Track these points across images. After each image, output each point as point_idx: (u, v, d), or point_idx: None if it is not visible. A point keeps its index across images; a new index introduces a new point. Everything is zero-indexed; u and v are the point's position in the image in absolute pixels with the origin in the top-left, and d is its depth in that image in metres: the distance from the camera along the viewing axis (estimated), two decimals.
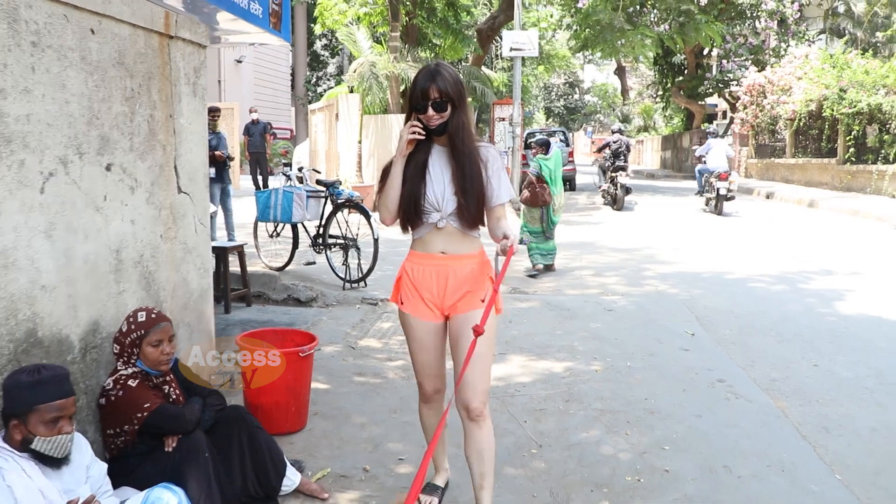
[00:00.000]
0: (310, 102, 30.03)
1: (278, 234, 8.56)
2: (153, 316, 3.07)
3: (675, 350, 5.38)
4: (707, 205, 15.62)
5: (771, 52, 27.15)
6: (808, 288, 7.51)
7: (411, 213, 2.87)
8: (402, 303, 3.00)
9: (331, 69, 36.76)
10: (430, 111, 2.76)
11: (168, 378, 3.11)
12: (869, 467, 3.54)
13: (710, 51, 28.46)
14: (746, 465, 3.56)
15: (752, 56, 27.28)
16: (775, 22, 26.94)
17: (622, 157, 16.16)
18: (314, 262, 8.28)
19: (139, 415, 2.88)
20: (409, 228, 2.93)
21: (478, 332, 2.67)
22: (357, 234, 7.62)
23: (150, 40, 3.43)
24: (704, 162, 16.35)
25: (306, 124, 32.61)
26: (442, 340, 3.03)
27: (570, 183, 20.58)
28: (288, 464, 3.27)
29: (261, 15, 6.22)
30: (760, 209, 16.28)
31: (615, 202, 16.06)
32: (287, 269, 7.99)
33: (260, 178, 16.51)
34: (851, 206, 14.87)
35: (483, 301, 2.87)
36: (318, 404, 4.26)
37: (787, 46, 26.74)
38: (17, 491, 2.31)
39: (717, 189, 14.84)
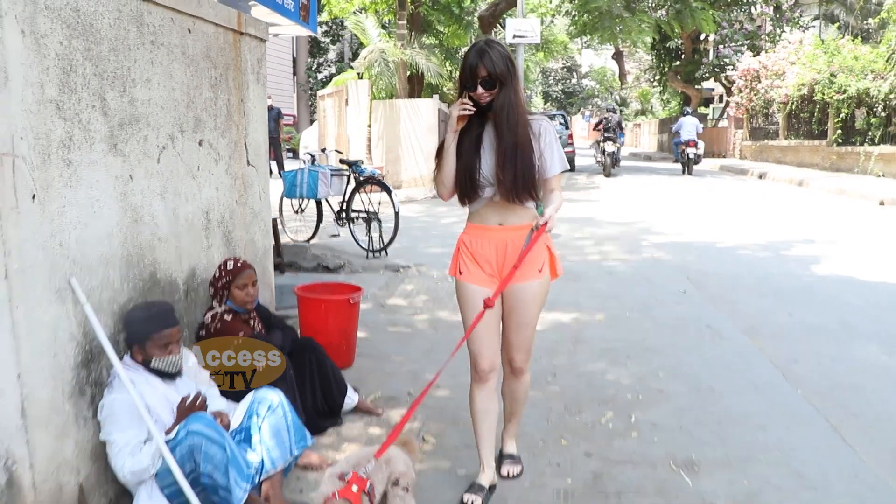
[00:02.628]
0: (311, 89, 30.60)
1: (303, 210, 9.25)
2: (239, 265, 3.76)
3: (669, 304, 6.12)
4: (683, 172, 20.39)
5: (766, 38, 27.77)
6: (790, 254, 8.26)
7: (467, 186, 2.93)
8: (460, 273, 3.04)
9: (331, 55, 37.24)
10: (480, 89, 2.79)
11: (252, 315, 3.81)
12: (825, 386, 4.28)
13: (707, 36, 29.06)
14: (726, 385, 4.30)
15: (748, 41, 27.88)
16: (771, 8, 27.55)
17: (611, 131, 19.95)
18: (338, 235, 8.98)
19: None
20: (467, 202, 3.00)
21: (487, 304, 2.81)
22: (378, 209, 8.31)
23: (227, 37, 4.10)
24: (679, 135, 20.73)
25: (308, 110, 33.22)
26: (498, 311, 3.04)
27: (569, 164, 21.51)
28: (349, 385, 3.98)
29: (292, 9, 6.90)
30: (753, 188, 17.03)
31: (604, 169, 20.10)
32: (312, 241, 8.69)
33: (273, 162, 17.15)
34: (839, 185, 15.55)
35: (540, 271, 2.96)
36: (361, 347, 4.96)
37: (782, 32, 27.34)
38: (147, 397, 2.99)
39: (687, 153, 19.80)
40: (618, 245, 9.01)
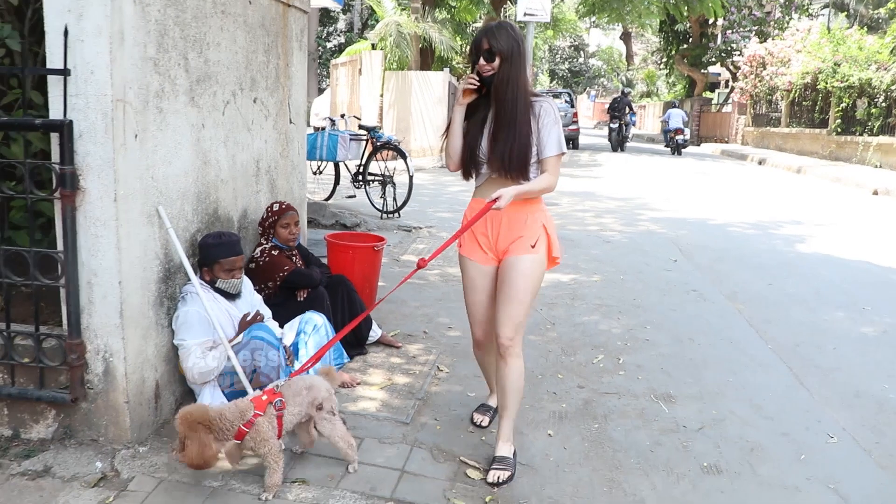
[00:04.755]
0: (320, 57, 30.90)
1: (321, 172, 9.76)
2: (283, 206, 4.30)
3: (659, 270, 6.69)
4: (671, 154, 22.99)
5: (775, 25, 28.06)
6: (777, 233, 8.84)
7: (469, 162, 3.10)
8: (460, 245, 3.24)
9: (341, 25, 37.40)
10: (482, 60, 2.95)
11: (294, 252, 4.36)
12: (791, 342, 4.86)
13: (715, 20, 29.32)
14: (705, 338, 4.87)
15: (757, 27, 28.17)
16: None
17: (618, 111, 23.41)
18: (354, 196, 9.51)
19: (281, 274, 4.14)
20: (470, 176, 3.16)
21: (420, 264, 3.00)
22: (393, 172, 8.84)
23: (277, 8, 4.60)
24: (667, 124, 23.33)
25: (316, 78, 33.49)
26: (493, 285, 3.18)
27: (573, 142, 22.21)
28: (373, 320, 4.54)
29: None
30: (751, 173, 17.55)
31: (612, 145, 23.79)
32: (329, 200, 9.22)
33: None
34: (836, 173, 16.04)
35: (533, 246, 3.05)
36: (380, 294, 5.51)
37: (790, 19, 27.64)
38: (212, 311, 3.53)
39: (675, 139, 22.61)
40: (616, 218, 9.58)
